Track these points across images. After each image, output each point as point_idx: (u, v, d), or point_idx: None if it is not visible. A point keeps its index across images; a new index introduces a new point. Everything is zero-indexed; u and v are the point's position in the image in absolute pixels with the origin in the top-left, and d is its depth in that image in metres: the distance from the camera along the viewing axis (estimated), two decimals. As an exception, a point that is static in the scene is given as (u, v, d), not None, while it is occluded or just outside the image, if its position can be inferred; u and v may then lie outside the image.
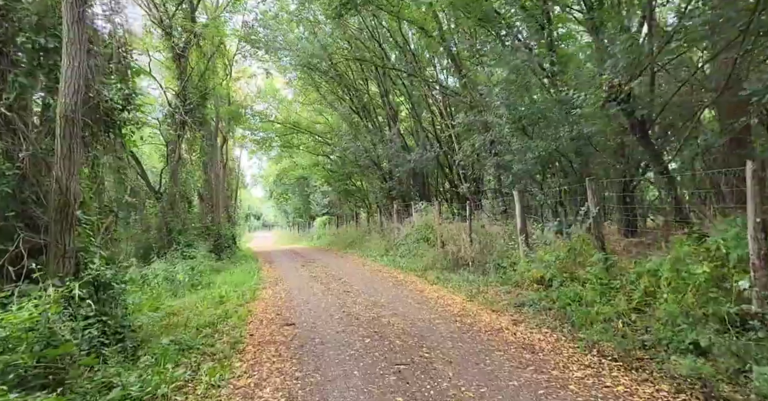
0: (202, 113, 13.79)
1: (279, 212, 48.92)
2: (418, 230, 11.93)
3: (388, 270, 10.60)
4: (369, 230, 18.83)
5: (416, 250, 11.47)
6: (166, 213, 12.53)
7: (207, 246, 13.65)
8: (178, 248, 12.07)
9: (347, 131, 18.95)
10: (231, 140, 23.40)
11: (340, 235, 22.08)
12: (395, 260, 11.68)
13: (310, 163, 26.90)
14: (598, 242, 5.10)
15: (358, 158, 19.70)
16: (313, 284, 9.31)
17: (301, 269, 12.35)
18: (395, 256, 12.46)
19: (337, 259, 14.69)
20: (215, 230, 14.94)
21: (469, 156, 10.33)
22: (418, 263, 10.29)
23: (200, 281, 9.28)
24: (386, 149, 16.82)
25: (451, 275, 8.62)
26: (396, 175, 16.55)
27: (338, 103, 19.53)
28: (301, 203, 35.09)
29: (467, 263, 9.12)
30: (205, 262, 11.82)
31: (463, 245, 9.62)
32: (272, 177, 38.41)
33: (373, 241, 16.02)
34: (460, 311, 5.94)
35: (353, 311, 6.43)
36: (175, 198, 12.67)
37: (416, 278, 8.97)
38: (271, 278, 10.57)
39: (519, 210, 7.27)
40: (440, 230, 10.98)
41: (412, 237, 12.29)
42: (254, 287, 9.00)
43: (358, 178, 24.52)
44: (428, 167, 16.66)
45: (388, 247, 13.83)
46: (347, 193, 25.58)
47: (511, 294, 6.34)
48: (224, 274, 11.24)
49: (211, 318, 5.99)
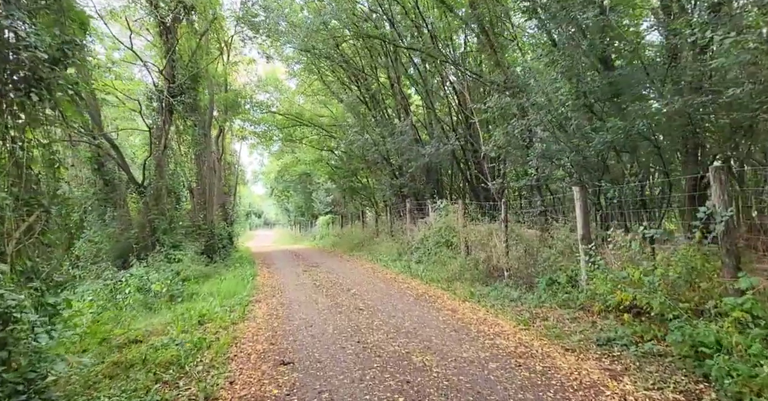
0: (193, 98, 12.25)
1: (280, 210, 47.41)
2: (438, 233, 10.38)
3: (405, 279, 9.05)
4: (377, 231, 17.28)
5: (436, 256, 9.91)
6: (149, 209, 11.00)
7: (197, 247, 12.12)
8: (162, 249, 10.54)
9: (354, 123, 17.37)
10: (229, 132, 21.85)
11: (344, 236, 20.54)
12: (411, 267, 10.13)
13: (313, 158, 25.35)
14: (731, 259, 3.55)
15: (366, 153, 18.15)
16: (318, 296, 7.76)
17: (303, 275, 10.82)
18: (410, 261, 10.91)
19: (343, 263, 13.15)
20: (207, 230, 13.40)
21: (501, 147, 8.75)
22: (440, 272, 8.74)
23: (182, 292, 7.74)
24: (397, 142, 15.26)
25: (485, 289, 7.06)
26: (408, 171, 14.99)
27: (345, 92, 17.96)
28: (303, 201, 33.56)
29: (502, 275, 7.57)
30: (193, 267, 10.29)
31: (496, 252, 8.06)
32: (273, 174, 36.92)
33: (382, 243, 14.47)
34: (517, 346, 4.38)
35: (371, 340, 4.87)
36: (160, 193, 11.14)
37: (442, 292, 7.40)
38: (267, 288, 9.02)
39: (580, 211, 5.70)
40: (465, 234, 9.42)
41: (430, 241, 10.73)
42: (246, 301, 7.46)
43: (365, 174, 22.98)
44: (444, 161, 15.11)
45: (401, 251, 12.27)
46: (353, 191, 24.05)
47: (581, 323, 4.77)
48: (213, 281, 9.70)
49: (180, 351, 4.44)
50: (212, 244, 13.39)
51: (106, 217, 10.21)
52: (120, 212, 10.58)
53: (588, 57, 5.60)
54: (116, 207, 10.70)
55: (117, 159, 10.57)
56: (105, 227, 10.18)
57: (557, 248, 6.48)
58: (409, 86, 18.23)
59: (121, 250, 10.45)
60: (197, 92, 12.60)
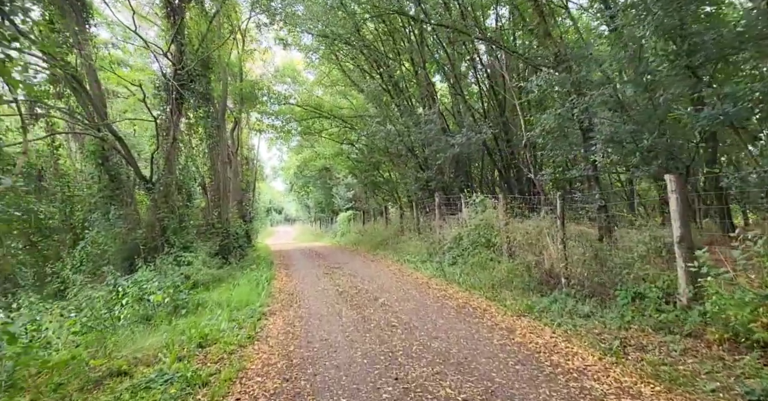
0: (204, 87, 11.32)
1: (300, 206, 46.79)
2: (475, 231, 9.16)
3: (440, 285, 7.90)
4: (402, 229, 16.13)
5: (473, 257, 8.71)
6: (158, 207, 10.15)
7: (210, 248, 11.24)
8: (171, 251, 9.68)
9: (376, 113, 16.21)
10: (246, 125, 21.04)
11: (367, 233, 19.47)
12: (444, 270, 8.97)
13: (332, 152, 24.37)
14: None
15: (389, 145, 17.00)
16: (341, 307, 6.69)
17: (324, 278, 9.79)
18: (442, 263, 9.75)
19: (367, 264, 12.07)
20: (222, 229, 12.53)
21: (550, 132, 7.46)
22: (481, 277, 7.54)
23: (187, 303, 6.78)
24: (424, 131, 14.05)
25: (541, 300, 5.85)
26: (436, 163, 13.77)
27: (366, 80, 16.81)
28: (323, 197, 32.70)
29: (558, 282, 6.33)
30: (204, 270, 9.38)
31: (550, 255, 6.82)
32: (292, 169, 36.19)
33: (409, 242, 13.33)
34: (619, 395, 3.18)
35: (412, 376, 3.76)
36: (170, 189, 10.27)
37: (487, 303, 6.23)
38: (283, 295, 8.01)
39: (678, 206, 4.42)
40: (508, 233, 8.20)
41: (466, 240, 9.53)
42: (258, 313, 6.45)
43: (387, 168, 21.87)
44: (474, 152, 13.84)
45: (431, 250, 11.10)
46: (374, 185, 22.97)
47: (702, 359, 3.52)
48: (225, 287, 8.77)
49: (165, 394, 3.41)
50: (227, 244, 12.51)
51: (111, 216, 9.39)
52: (126, 211, 9.75)
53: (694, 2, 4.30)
54: (122, 205, 9.87)
55: (123, 153, 9.72)
56: (110, 227, 9.36)
57: (637, 251, 5.20)
58: (434, 74, 16.96)
59: (128, 252, 9.63)
60: (209, 81, 11.67)
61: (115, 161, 9.69)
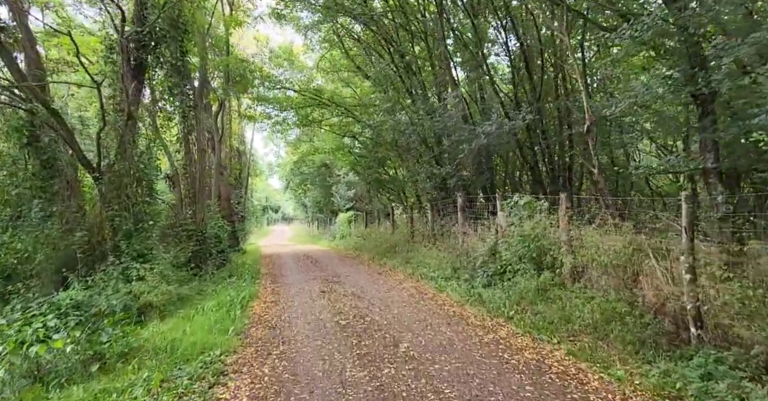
0: (174, 54, 9.01)
1: (297, 205, 44.43)
2: (522, 243, 6.85)
3: (482, 319, 5.62)
4: (412, 234, 13.82)
5: (522, 279, 6.41)
6: (107, 204, 7.83)
7: (177, 256, 8.91)
8: (119, 261, 7.36)
9: (385, 98, 13.90)
10: (236, 113, 18.72)
11: (371, 237, 17.17)
12: (481, 295, 6.69)
13: (333, 146, 22.05)
14: None
15: (398, 137, 14.72)
16: (345, 358, 4.40)
17: (320, 299, 7.50)
18: (473, 282, 7.49)
19: (374, 278, 9.78)
20: (196, 231, 10.19)
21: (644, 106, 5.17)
22: (544, 312, 5.25)
23: (112, 350, 4.44)
24: (442, 120, 11.77)
25: (677, 369, 3.55)
26: (458, 156, 11.49)
27: (373, 62, 14.50)
28: (322, 196, 30.35)
29: (688, 335, 4.04)
30: (162, 286, 7.05)
31: (656, 286, 4.53)
32: (289, 166, 33.86)
33: (424, 251, 11.02)
34: None
35: None
36: (123, 181, 7.95)
37: (580, 365, 3.93)
38: (261, 330, 5.70)
39: None
40: (571, 246, 5.92)
41: (507, 254, 7.23)
42: (215, 370, 4.14)
43: (393, 164, 19.57)
44: (504, 144, 11.55)
45: (456, 264, 8.80)
46: (379, 183, 20.65)
47: None
48: (185, 313, 6.45)
49: None
50: (201, 250, 10.17)
51: (33, 213, 7.05)
52: (62, 207, 7.42)
53: None
54: (57, 199, 7.54)
55: (60, 131, 7.39)
56: (37, 227, 7.03)
57: None
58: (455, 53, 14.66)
59: (62, 262, 7.30)
60: (182, 47, 9.33)
61: (48, 141, 7.38)
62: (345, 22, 15.06)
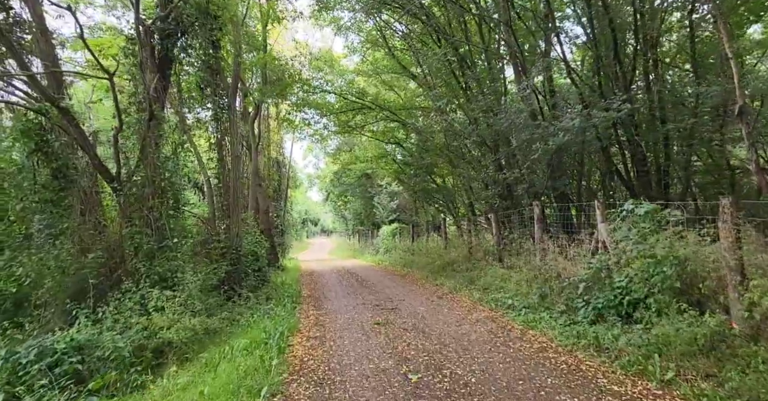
0: (205, 47, 7.92)
1: (337, 217, 43.44)
2: (653, 266, 5.01)
3: (618, 382, 3.85)
4: (470, 249, 12.05)
5: (667, 321, 4.56)
6: (127, 219, 6.70)
7: (207, 277, 7.65)
8: (137, 287, 6.15)
9: (438, 95, 12.35)
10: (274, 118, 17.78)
11: (420, 252, 15.53)
12: (597, 338, 4.90)
13: (375, 154, 20.72)
14: None
15: (452, 139, 13.13)
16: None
17: (376, 335, 5.96)
18: (573, 317, 5.72)
19: (436, 304, 8.13)
20: (231, 248, 8.96)
21: None
22: (734, 385, 3.43)
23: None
24: (509, 116, 10.07)
25: None
26: (531, 157, 9.71)
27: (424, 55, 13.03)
28: (363, 207, 29.04)
29: None
30: (184, 319, 5.75)
31: None
32: (329, 177, 32.94)
33: (494, 272, 9.25)
34: None
35: None
36: (145, 191, 6.80)
37: None
38: (305, 385, 4.19)
39: None
40: (744, 276, 4.05)
41: (623, 278, 5.39)
42: None
43: (442, 172, 17.91)
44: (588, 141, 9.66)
45: (543, 290, 6.99)
46: (426, 193, 19.02)
47: None
48: (210, 355, 5.08)
49: None
50: (237, 270, 8.91)
51: (37, 231, 5.99)
52: (75, 224, 6.32)
53: None
54: (73, 214, 6.47)
55: (73, 134, 6.35)
56: (42, 247, 5.94)
57: None
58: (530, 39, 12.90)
59: (75, 288, 6.17)
60: (214, 38, 8.21)
61: (59, 146, 6.34)
62: (390, 15, 13.76)
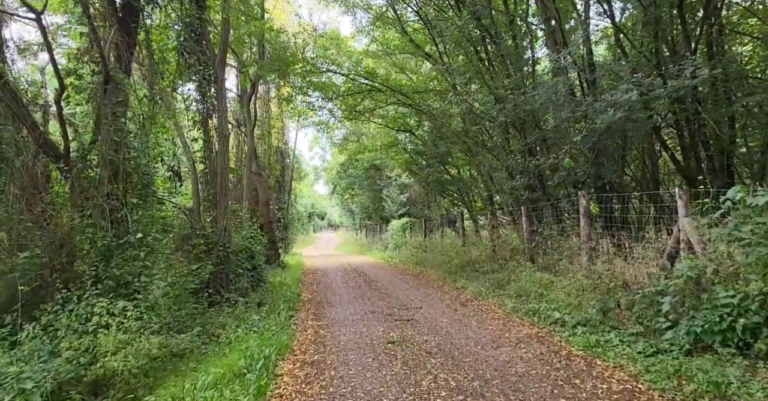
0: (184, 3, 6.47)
1: (344, 211, 42.04)
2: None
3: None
4: (493, 246, 10.55)
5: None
6: (78, 207, 5.32)
7: (186, 281, 6.26)
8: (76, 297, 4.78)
9: (461, 71, 10.81)
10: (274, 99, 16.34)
11: (434, 249, 14.06)
12: (719, 383, 3.42)
13: (384, 142, 19.22)
14: None
15: (472, 122, 11.62)
16: None
17: (391, 362, 4.54)
18: (656, 342, 4.27)
19: (461, 314, 6.67)
20: (218, 244, 7.57)
21: None
22: None
23: None
24: (545, 91, 8.53)
25: None
26: (569, 141, 8.18)
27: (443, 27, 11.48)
28: (371, 201, 27.59)
29: None
30: (140, 340, 4.35)
31: None
32: (335, 169, 31.49)
33: (528, 275, 7.74)
34: None
35: None
36: (102, 174, 5.40)
37: None
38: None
39: None
40: None
41: (728, 292, 3.91)
42: None
43: (457, 162, 16.37)
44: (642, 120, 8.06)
45: (605, 304, 5.47)
46: (440, 185, 17.50)
47: None
48: (163, 397, 3.67)
49: None
50: (223, 271, 7.52)
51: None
52: (5, 214, 4.95)
53: None
54: (6, 200, 5.10)
55: (6, 100, 4.96)
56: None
57: None
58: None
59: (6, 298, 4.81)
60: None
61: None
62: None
